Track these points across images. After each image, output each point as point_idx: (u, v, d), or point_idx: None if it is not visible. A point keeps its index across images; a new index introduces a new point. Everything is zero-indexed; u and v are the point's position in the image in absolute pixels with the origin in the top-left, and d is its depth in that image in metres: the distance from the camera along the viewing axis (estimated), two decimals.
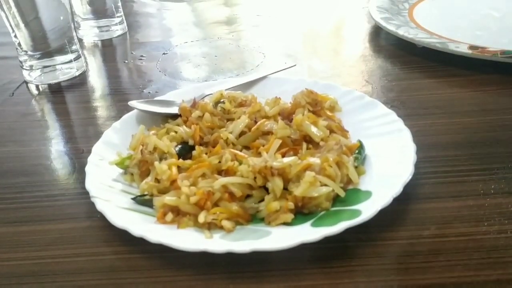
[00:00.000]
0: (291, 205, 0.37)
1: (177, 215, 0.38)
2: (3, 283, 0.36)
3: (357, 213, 0.36)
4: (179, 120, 0.50)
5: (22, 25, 0.64)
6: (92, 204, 0.39)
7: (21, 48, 0.66)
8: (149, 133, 0.48)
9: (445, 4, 0.82)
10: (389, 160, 0.42)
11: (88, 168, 0.43)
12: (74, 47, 0.69)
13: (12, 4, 0.62)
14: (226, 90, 0.54)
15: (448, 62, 0.63)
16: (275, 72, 0.61)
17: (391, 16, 0.75)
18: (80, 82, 0.69)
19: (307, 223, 0.37)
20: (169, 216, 0.38)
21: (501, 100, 0.54)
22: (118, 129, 0.50)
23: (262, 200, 0.39)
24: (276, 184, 0.38)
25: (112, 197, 0.40)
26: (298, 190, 0.37)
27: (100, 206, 0.39)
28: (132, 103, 0.53)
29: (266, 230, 0.37)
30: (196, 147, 0.45)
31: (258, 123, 0.46)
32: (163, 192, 0.40)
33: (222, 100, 0.51)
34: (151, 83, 0.67)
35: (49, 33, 0.65)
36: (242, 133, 0.46)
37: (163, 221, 0.38)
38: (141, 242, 0.35)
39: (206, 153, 0.44)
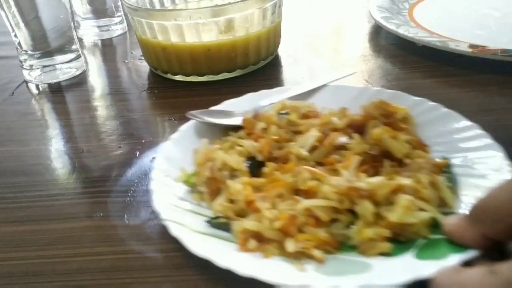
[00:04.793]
0: (387, 233, 0.34)
1: (259, 241, 0.35)
2: (3, 283, 0.36)
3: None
4: (241, 132, 0.46)
5: (22, 25, 0.64)
6: (92, 204, 0.39)
7: (21, 48, 0.66)
8: (213, 147, 0.44)
9: (445, 4, 0.82)
10: (481, 181, 0.37)
11: (153, 186, 0.39)
12: (74, 47, 0.69)
13: (12, 3, 0.62)
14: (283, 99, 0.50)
15: (448, 61, 0.63)
16: (334, 80, 0.55)
17: (391, 16, 0.75)
18: (80, 81, 0.69)
19: (409, 254, 0.33)
20: (252, 243, 0.35)
21: (501, 100, 0.54)
22: (177, 142, 0.46)
23: (349, 225, 0.35)
24: (367, 208, 0.34)
25: (183, 220, 0.37)
26: (394, 216, 0.33)
27: (175, 231, 0.35)
28: (192, 113, 0.48)
29: (363, 261, 0.33)
30: (268, 163, 0.41)
31: (330, 136, 0.42)
32: (238, 214, 0.37)
33: (285, 111, 0.47)
34: (151, 83, 0.67)
35: (49, 32, 0.65)
36: (312, 148, 0.42)
37: (246, 249, 0.34)
38: (141, 242, 0.35)
39: (276, 170, 0.40)
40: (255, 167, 0.41)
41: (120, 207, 0.42)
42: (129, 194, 0.44)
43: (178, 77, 0.65)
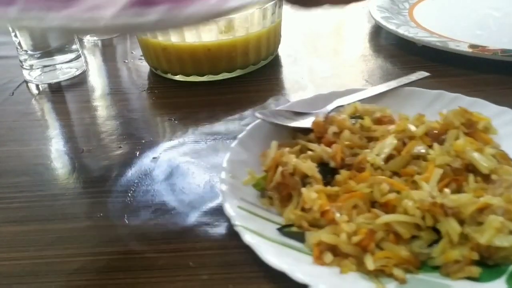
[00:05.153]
0: (476, 255, 0.31)
1: (335, 255, 0.34)
2: (3, 283, 0.36)
3: None
4: (311, 136, 0.44)
5: None
6: (92, 204, 0.39)
7: (21, 48, 0.66)
8: (283, 151, 0.41)
9: (445, 4, 0.82)
10: None
11: (223, 189, 0.38)
12: (74, 47, 0.69)
13: None
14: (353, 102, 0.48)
15: (448, 61, 0.63)
16: (407, 83, 0.54)
17: (391, 15, 0.76)
18: (80, 81, 0.69)
19: (499, 281, 0.31)
20: (329, 257, 0.33)
21: (501, 100, 0.54)
22: (244, 142, 0.44)
23: (431, 243, 0.33)
24: (453, 227, 0.32)
25: (255, 226, 0.35)
26: (483, 238, 0.31)
27: (249, 239, 0.33)
28: (260, 114, 0.46)
29: (449, 285, 0.31)
30: (341, 171, 0.39)
31: (408, 145, 0.39)
32: (312, 223, 0.36)
33: (356, 115, 0.45)
34: (151, 83, 0.67)
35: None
36: (388, 156, 0.39)
37: (321, 262, 0.33)
38: (140, 242, 0.35)
39: (350, 178, 0.38)
40: (327, 173, 0.39)
41: (120, 207, 0.42)
42: (129, 194, 0.44)
43: (178, 77, 0.65)
